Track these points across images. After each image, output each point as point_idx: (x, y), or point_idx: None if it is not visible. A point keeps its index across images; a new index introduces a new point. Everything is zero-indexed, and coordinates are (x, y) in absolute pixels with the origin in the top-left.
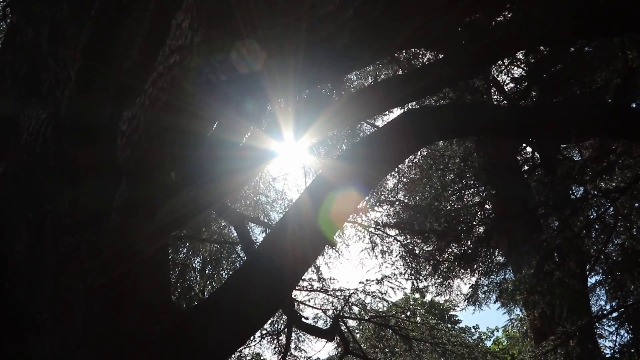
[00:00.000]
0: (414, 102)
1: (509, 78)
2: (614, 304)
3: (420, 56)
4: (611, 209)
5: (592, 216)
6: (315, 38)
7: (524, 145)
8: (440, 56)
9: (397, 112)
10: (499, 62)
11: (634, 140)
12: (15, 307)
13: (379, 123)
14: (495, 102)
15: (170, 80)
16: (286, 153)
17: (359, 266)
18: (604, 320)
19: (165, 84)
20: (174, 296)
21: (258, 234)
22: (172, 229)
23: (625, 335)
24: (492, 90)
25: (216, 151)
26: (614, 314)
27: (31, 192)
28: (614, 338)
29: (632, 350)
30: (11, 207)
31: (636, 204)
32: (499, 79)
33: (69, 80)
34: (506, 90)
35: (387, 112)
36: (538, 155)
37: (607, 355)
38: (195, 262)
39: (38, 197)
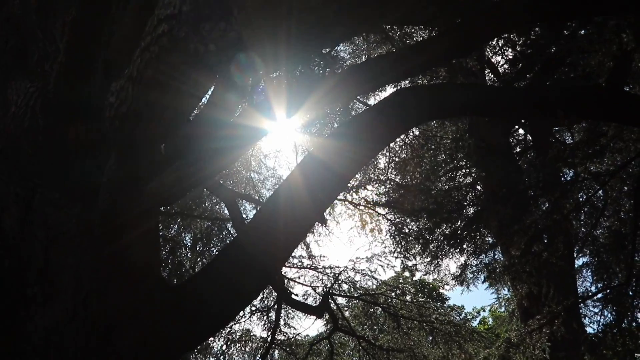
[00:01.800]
0: (407, 81)
1: (503, 60)
2: (599, 285)
3: (415, 35)
4: (600, 192)
5: (581, 199)
6: (305, 6)
7: (516, 127)
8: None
9: (389, 90)
10: (493, 42)
11: (626, 124)
12: (5, 280)
13: (372, 102)
14: (488, 84)
15: (158, 51)
16: (278, 130)
17: (349, 244)
18: (589, 301)
19: (154, 54)
20: (165, 272)
21: (249, 211)
22: (162, 205)
23: (609, 316)
24: (486, 72)
25: (207, 129)
26: (599, 295)
27: (20, 166)
28: (598, 318)
29: (615, 330)
30: (0, 181)
31: (625, 188)
32: (493, 60)
33: (58, 54)
34: (500, 71)
35: (379, 91)
36: (530, 138)
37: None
38: (186, 238)
39: (27, 172)
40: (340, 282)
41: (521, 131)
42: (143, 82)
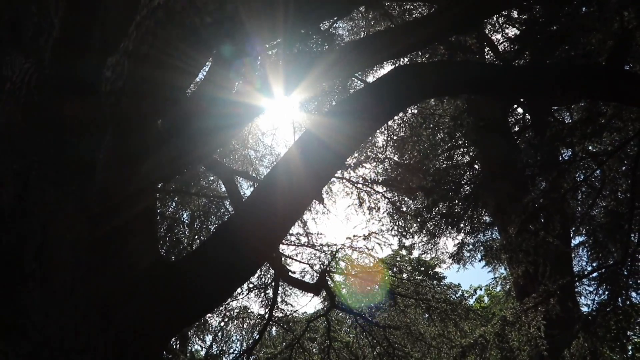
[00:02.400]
0: (406, 59)
1: (503, 38)
2: (595, 264)
3: (414, 12)
4: (598, 172)
5: (579, 178)
6: None
7: (515, 106)
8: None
9: (388, 67)
10: (493, 20)
11: (625, 103)
12: (3, 257)
13: (370, 79)
14: (489, 62)
15: (154, 25)
16: (276, 108)
17: (346, 222)
18: (585, 279)
19: (149, 28)
20: (163, 250)
21: (246, 189)
22: (159, 182)
23: (604, 294)
24: (486, 50)
25: (203, 106)
26: (595, 274)
27: (16, 143)
28: (593, 297)
29: (609, 309)
30: None
31: (623, 168)
32: (493, 38)
33: (53, 29)
34: (500, 49)
35: (378, 68)
36: (528, 117)
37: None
38: (184, 216)
39: (23, 149)
40: (337, 259)
41: (520, 110)
42: (139, 57)
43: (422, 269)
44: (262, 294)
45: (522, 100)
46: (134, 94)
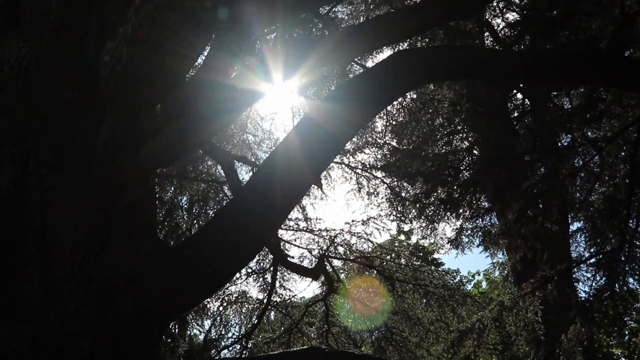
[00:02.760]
0: (406, 44)
1: (503, 22)
2: (592, 250)
3: None
4: (597, 158)
5: (577, 164)
6: None
7: (515, 91)
8: None
9: (387, 52)
10: (494, 4)
11: (625, 89)
12: (2, 242)
13: (369, 64)
14: (488, 47)
15: (153, 9)
16: (274, 93)
17: (345, 207)
18: (582, 265)
19: (148, 13)
20: (161, 234)
21: (245, 174)
22: (158, 167)
23: (601, 281)
24: (485, 35)
25: (202, 91)
26: (592, 260)
27: (14, 127)
28: (591, 283)
29: (606, 295)
30: None
31: (622, 154)
32: (493, 23)
33: (51, 12)
34: (500, 35)
35: (377, 52)
36: (528, 102)
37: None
38: (183, 200)
39: (22, 133)
40: (336, 244)
41: (519, 95)
42: (138, 42)
43: (420, 254)
44: (261, 279)
45: (521, 85)
46: (133, 79)
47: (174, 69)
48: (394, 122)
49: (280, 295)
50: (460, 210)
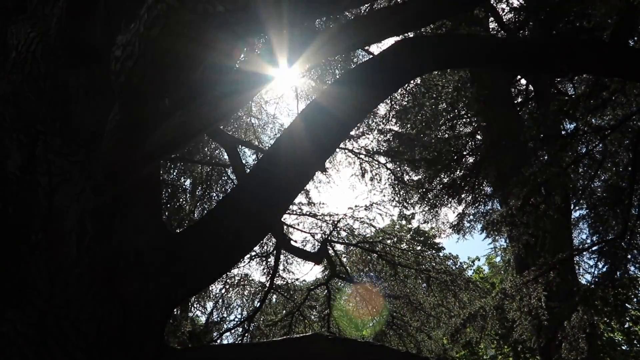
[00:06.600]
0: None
1: (508, 8)
2: (595, 238)
3: None
4: (600, 146)
5: (581, 152)
6: None
7: (519, 77)
8: None
9: (394, 39)
10: None
11: (629, 78)
12: (9, 227)
13: (376, 52)
14: (492, 33)
15: (166, 9)
16: (279, 77)
17: (348, 192)
18: (585, 253)
19: (161, 12)
20: (164, 216)
21: (249, 156)
22: (165, 153)
23: (603, 268)
24: (490, 20)
25: (210, 75)
26: (594, 248)
27: (22, 113)
28: (593, 270)
29: (608, 282)
30: (2, 127)
31: (625, 142)
32: (498, 8)
33: None
34: (504, 20)
35: (382, 41)
36: (532, 88)
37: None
38: (186, 183)
39: (29, 118)
40: (338, 229)
41: (523, 81)
42: (149, 40)
43: (421, 239)
44: (264, 262)
45: (524, 72)
46: (144, 75)
47: (185, 65)
48: (397, 107)
49: (283, 279)
50: (463, 196)
